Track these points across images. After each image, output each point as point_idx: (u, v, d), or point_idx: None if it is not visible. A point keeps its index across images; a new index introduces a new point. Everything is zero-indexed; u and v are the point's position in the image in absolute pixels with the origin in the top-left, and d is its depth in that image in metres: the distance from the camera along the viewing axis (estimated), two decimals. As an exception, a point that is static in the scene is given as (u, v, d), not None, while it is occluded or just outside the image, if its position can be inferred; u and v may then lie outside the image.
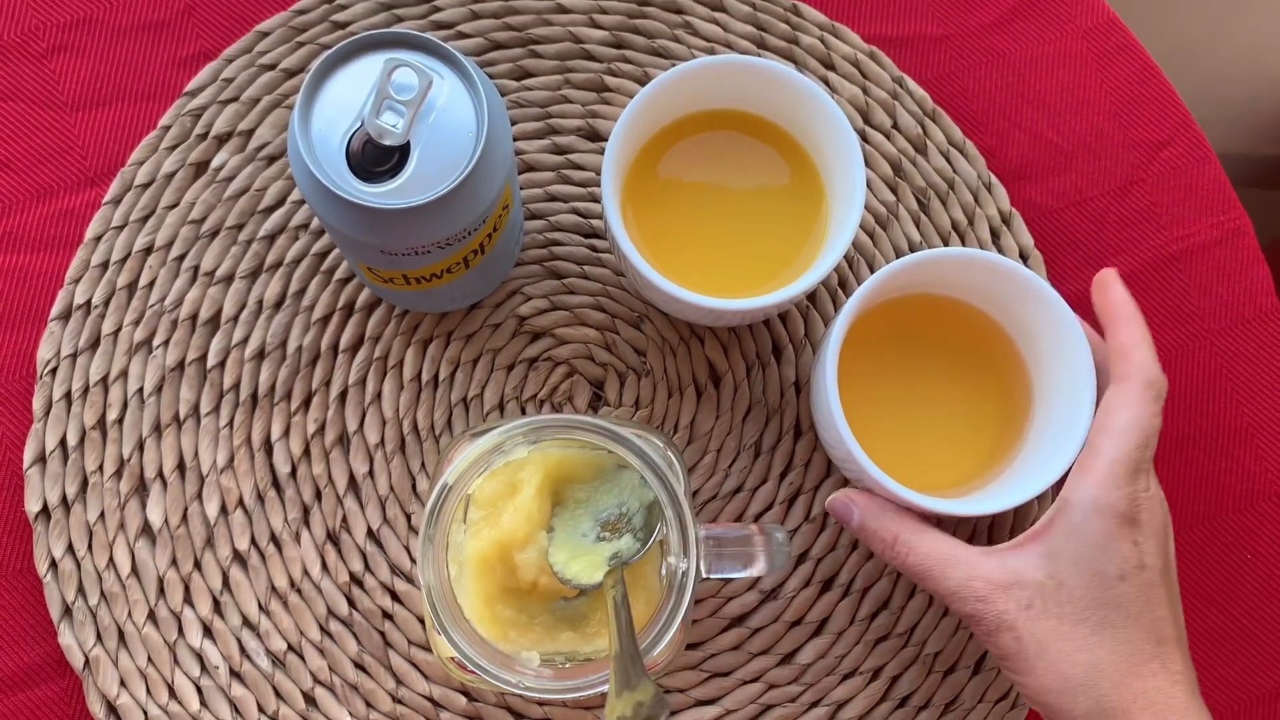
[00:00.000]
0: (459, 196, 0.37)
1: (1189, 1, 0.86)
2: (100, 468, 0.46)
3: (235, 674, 0.45)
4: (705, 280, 0.42)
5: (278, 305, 0.47)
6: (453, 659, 0.37)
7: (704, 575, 0.36)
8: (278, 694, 0.45)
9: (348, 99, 0.37)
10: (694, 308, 0.41)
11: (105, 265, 0.47)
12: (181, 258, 0.48)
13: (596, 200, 0.49)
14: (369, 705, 0.45)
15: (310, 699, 0.45)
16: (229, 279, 0.47)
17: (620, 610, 0.36)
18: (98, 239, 0.48)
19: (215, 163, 0.48)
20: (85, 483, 0.46)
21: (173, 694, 0.44)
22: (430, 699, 0.45)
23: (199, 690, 0.44)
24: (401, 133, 0.36)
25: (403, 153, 0.37)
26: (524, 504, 0.42)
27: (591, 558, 0.41)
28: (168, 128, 0.48)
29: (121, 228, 0.48)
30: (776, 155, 0.45)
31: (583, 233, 0.49)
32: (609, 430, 0.36)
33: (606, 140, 0.49)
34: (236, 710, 0.44)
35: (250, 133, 0.48)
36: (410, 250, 0.38)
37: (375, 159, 0.37)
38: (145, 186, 0.48)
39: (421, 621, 0.45)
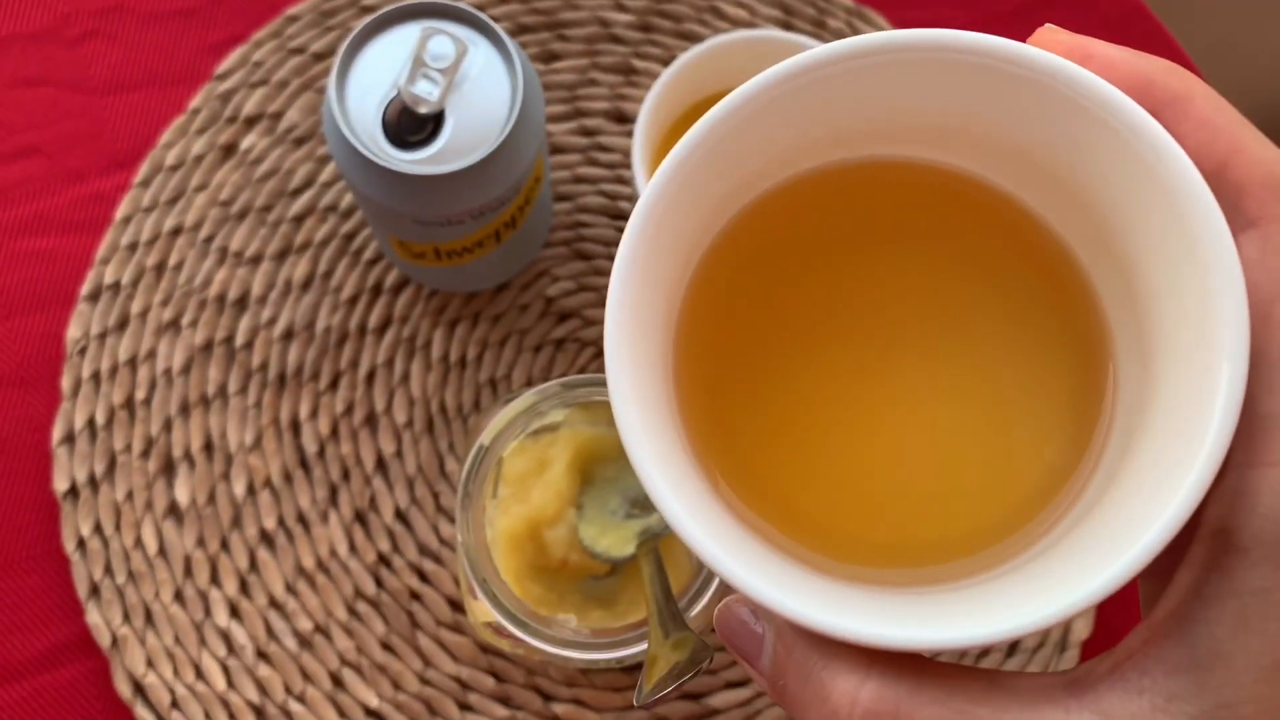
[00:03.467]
0: (494, 163, 0.37)
1: (1228, 2, 0.86)
2: (128, 447, 0.46)
3: (262, 654, 0.44)
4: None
5: (306, 286, 0.47)
6: (489, 624, 0.37)
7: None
8: (304, 674, 0.44)
9: (383, 68, 0.37)
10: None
11: (134, 246, 0.47)
12: (210, 239, 0.48)
13: (624, 182, 0.49)
14: (396, 686, 0.44)
15: (337, 680, 0.44)
16: (257, 260, 0.47)
17: (656, 576, 0.35)
18: (127, 220, 0.48)
19: (244, 145, 0.48)
20: (113, 462, 0.46)
21: (199, 674, 0.44)
22: (458, 680, 0.44)
23: (225, 670, 0.44)
24: (436, 100, 0.36)
25: (437, 121, 0.37)
26: (554, 480, 0.41)
27: (622, 533, 0.41)
28: (197, 111, 0.49)
29: (151, 209, 0.48)
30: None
31: (610, 214, 0.49)
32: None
33: (633, 121, 0.49)
34: (263, 690, 0.44)
35: (279, 115, 0.49)
36: (444, 220, 0.38)
37: (411, 127, 0.37)
38: (174, 169, 0.48)
39: (450, 602, 0.45)
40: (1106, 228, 0.21)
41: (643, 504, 0.42)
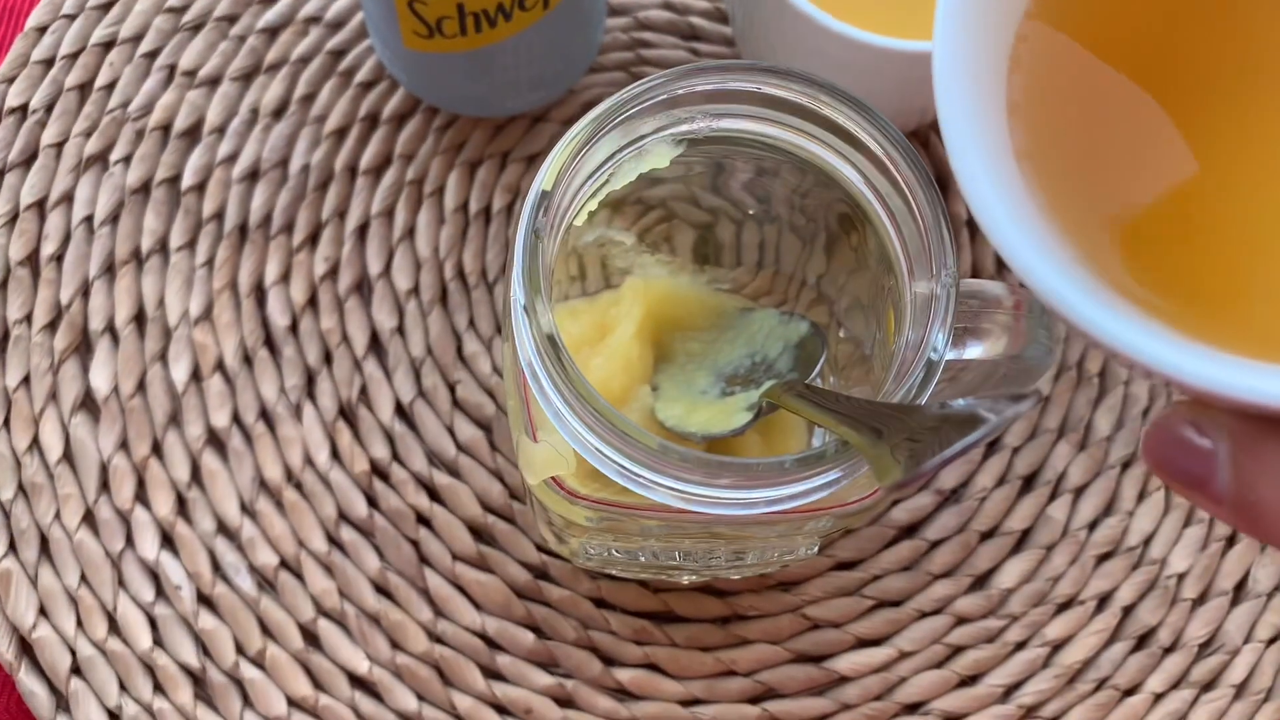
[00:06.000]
0: None
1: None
2: (28, 317, 0.33)
3: (205, 599, 0.31)
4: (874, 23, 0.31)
5: (278, 113, 0.36)
6: (556, 481, 0.24)
7: (941, 355, 0.23)
8: (264, 628, 0.31)
9: None
10: (870, 52, 0.30)
11: (50, 61, 0.36)
12: (154, 54, 0.36)
13: (697, -6, 0.38)
14: (395, 645, 0.31)
15: (310, 635, 0.31)
16: (214, 81, 0.36)
17: (816, 401, 0.23)
18: (42, 30, 0.36)
19: (202, -59, 0.37)
20: (6, 336, 0.33)
21: (114, 626, 0.31)
22: (483, 636, 0.32)
23: (152, 621, 0.31)
24: None
25: None
26: (619, 347, 0.30)
27: (720, 408, 0.29)
28: (141, -101, 0.37)
29: (74, 17, 0.36)
30: None
31: (679, 33, 0.37)
32: (812, 79, 0.24)
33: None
34: (205, 650, 0.31)
35: (249, -95, 0.37)
36: (476, -69, 0.27)
37: None
38: (109, -32, 0.37)
39: (471, 529, 0.32)
40: None
41: (745, 379, 0.30)
